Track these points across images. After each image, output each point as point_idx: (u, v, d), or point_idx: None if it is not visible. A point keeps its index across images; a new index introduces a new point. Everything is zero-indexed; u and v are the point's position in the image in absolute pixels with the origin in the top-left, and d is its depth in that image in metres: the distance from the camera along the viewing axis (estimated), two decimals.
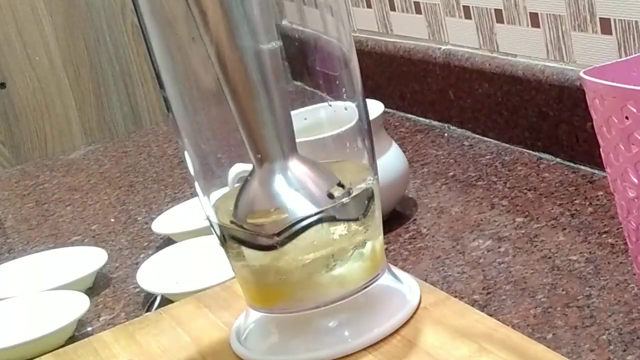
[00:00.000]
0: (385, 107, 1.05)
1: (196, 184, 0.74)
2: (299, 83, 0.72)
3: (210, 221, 0.74)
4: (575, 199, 0.98)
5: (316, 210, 0.69)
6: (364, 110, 0.73)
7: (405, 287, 0.77)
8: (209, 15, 0.65)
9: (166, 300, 0.93)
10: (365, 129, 0.74)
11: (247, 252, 0.71)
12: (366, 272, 0.73)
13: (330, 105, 0.73)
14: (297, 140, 0.70)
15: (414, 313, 0.74)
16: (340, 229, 0.70)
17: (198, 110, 0.74)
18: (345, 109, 0.73)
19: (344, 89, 0.73)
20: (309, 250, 0.69)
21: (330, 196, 0.69)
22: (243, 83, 0.67)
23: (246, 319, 0.76)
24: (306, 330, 0.72)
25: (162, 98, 0.72)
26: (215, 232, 0.74)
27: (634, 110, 0.67)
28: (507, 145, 1.17)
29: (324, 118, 0.74)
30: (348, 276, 0.72)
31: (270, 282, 0.72)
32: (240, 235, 0.70)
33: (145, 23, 0.69)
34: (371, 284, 0.73)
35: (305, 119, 0.79)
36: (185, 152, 0.73)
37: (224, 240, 0.73)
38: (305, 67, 0.71)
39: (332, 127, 0.74)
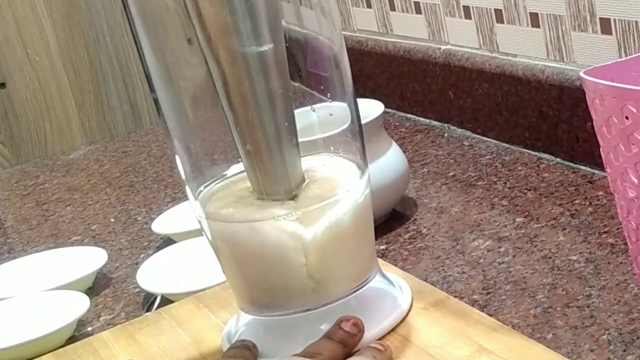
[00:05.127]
0: (385, 107, 1.05)
1: (187, 187, 0.74)
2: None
3: (201, 224, 0.74)
4: (575, 199, 0.98)
5: None
6: (355, 112, 0.73)
7: (396, 290, 0.77)
8: (205, 16, 0.65)
9: (166, 300, 0.93)
10: (357, 130, 0.74)
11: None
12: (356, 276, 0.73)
13: (314, 111, 0.73)
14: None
15: (406, 315, 0.74)
16: None
17: (188, 113, 0.73)
18: (330, 114, 0.72)
19: (334, 90, 0.72)
20: None
21: None
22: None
23: (237, 322, 0.76)
24: (297, 333, 0.71)
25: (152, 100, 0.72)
26: (207, 235, 0.74)
27: (634, 110, 0.67)
28: (507, 145, 1.17)
29: (315, 120, 0.74)
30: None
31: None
32: None
33: (136, 25, 0.69)
34: (362, 286, 0.73)
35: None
36: (176, 156, 0.73)
37: (215, 241, 0.73)
38: (297, 67, 0.71)
39: (323, 128, 0.74)
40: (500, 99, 1.17)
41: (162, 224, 1.12)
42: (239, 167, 0.72)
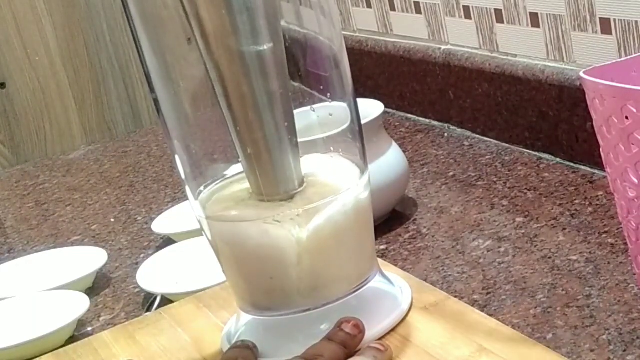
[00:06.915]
0: (385, 107, 1.05)
1: (187, 187, 0.74)
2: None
3: (201, 224, 0.74)
4: (575, 199, 0.98)
5: None
6: (355, 112, 0.73)
7: (396, 290, 0.77)
8: (203, 17, 0.65)
9: (166, 300, 0.93)
10: (357, 130, 0.74)
11: None
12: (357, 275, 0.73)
13: (314, 111, 0.72)
14: None
15: (406, 315, 0.74)
16: None
17: (188, 113, 0.73)
18: (330, 114, 0.72)
19: (334, 90, 0.72)
20: None
21: None
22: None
23: (237, 322, 0.75)
24: (297, 333, 0.71)
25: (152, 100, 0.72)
26: (207, 235, 0.74)
27: (634, 110, 0.67)
28: (507, 145, 1.17)
29: (315, 120, 0.74)
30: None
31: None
32: None
33: (136, 25, 0.69)
34: (362, 286, 0.73)
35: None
36: (176, 156, 0.73)
37: (215, 242, 0.73)
38: (296, 67, 0.71)
39: (323, 128, 0.74)
40: (500, 99, 1.17)
41: (162, 224, 1.12)
42: (239, 167, 0.72)
